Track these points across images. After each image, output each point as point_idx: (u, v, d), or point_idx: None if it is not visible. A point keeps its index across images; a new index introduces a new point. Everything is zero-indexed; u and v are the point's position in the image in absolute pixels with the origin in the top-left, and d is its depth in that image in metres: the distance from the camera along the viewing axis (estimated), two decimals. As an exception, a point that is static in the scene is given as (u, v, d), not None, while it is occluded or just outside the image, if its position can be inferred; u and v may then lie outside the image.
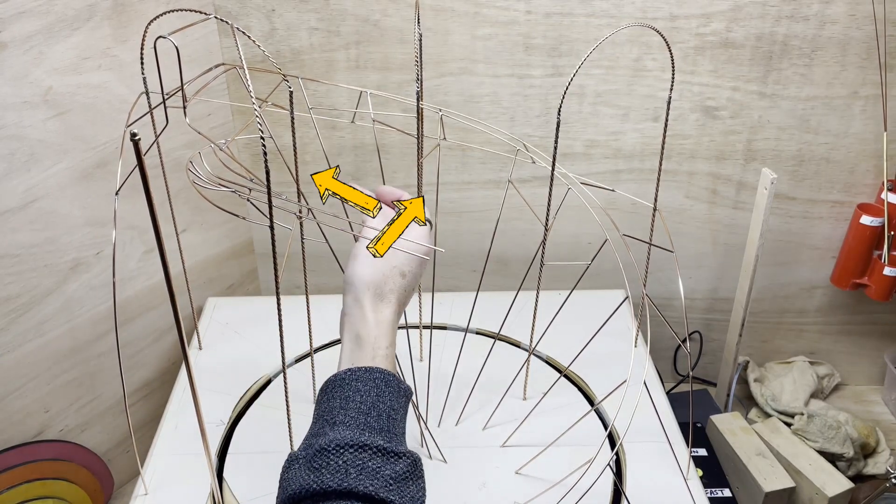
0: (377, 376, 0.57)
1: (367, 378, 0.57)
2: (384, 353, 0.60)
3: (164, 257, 0.52)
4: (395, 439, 0.55)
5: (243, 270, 1.14)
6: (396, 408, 0.57)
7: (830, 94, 1.00)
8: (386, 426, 0.55)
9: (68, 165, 0.84)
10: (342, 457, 0.51)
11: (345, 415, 0.55)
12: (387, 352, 0.60)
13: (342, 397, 0.56)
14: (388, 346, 0.61)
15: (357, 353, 0.60)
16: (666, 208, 1.09)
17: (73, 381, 0.92)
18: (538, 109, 1.02)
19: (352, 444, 0.52)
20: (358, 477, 0.50)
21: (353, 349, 0.60)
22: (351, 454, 0.51)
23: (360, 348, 0.60)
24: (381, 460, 0.52)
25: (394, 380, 0.58)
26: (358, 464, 0.51)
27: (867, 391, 1.23)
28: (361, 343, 0.60)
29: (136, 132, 0.45)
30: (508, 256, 1.14)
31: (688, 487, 0.75)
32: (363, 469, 0.51)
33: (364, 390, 0.56)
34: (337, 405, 0.56)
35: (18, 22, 0.76)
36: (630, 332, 0.96)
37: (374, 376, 0.57)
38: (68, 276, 0.88)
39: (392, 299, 0.62)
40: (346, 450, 0.52)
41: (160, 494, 0.74)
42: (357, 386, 0.57)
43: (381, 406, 0.56)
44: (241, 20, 0.96)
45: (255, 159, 1.04)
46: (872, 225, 1.03)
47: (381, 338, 0.60)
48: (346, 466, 0.51)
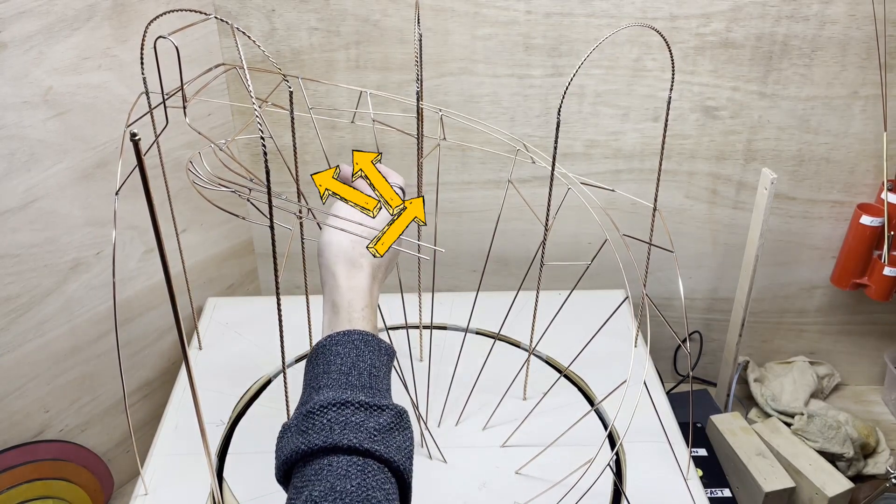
0: (355, 338, 0.59)
1: (345, 341, 0.58)
2: (360, 315, 0.61)
3: (164, 257, 0.52)
4: (379, 394, 0.56)
5: (243, 270, 1.14)
6: (378, 365, 0.58)
7: (830, 94, 1.00)
8: (368, 383, 0.56)
9: (68, 165, 0.84)
10: (326, 415, 0.53)
11: (327, 378, 0.56)
12: (363, 314, 0.61)
13: (324, 363, 0.58)
14: (364, 307, 0.61)
15: (334, 320, 0.61)
16: (666, 208, 1.09)
17: (73, 381, 0.92)
18: (538, 109, 1.02)
19: (334, 402, 0.54)
20: (342, 431, 0.52)
21: (331, 317, 0.62)
22: (335, 412, 0.53)
23: (336, 314, 0.61)
24: (364, 414, 0.53)
25: (373, 339, 0.60)
26: (341, 420, 0.52)
27: (867, 391, 1.23)
28: (337, 309, 0.61)
29: (136, 132, 0.45)
30: (508, 256, 1.14)
31: (688, 487, 0.75)
32: (347, 424, 0.52)
33: (343, 353, 0.58)
34: (320, 371, 0.57)
35: (18, 22, 0.76)
36: (630, 332, 0.96)
37: (351, 338, 0.59)
38: (68, 276, 0.88)
39: (363, 263, 0.63)
40: (330, 409, 0.53)
41: (160, 494, 0.74)
42: (336, 349, 0.58)
43: (362, 365, 0.57)
44: (241, 20, 0.96)
45: (255, 159, 1.04)
46: (872, 225, 1.03)
47: (355, 300, 0.61)
48: (330, 424, 0.52)
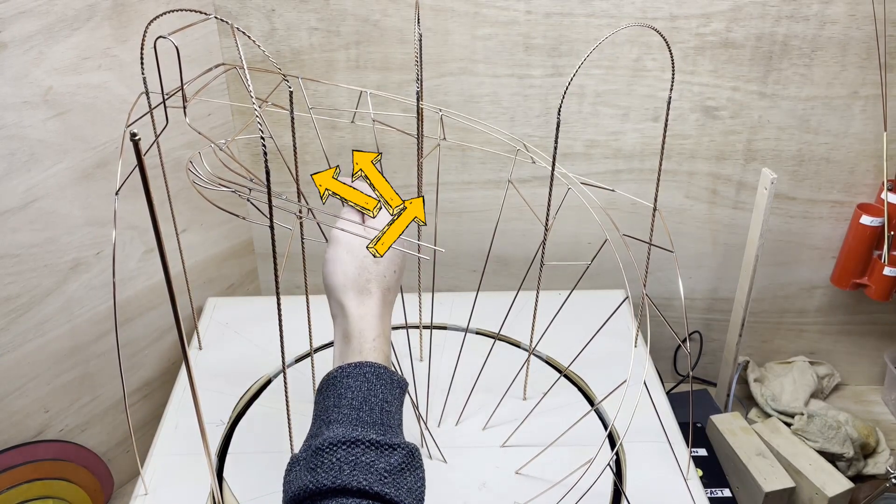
0: (367, 370, 0.57)
1: (356, 373, 0.57)
2: (371, 346, 0.59)
3: (164, 257, 0.52)
4: (390, 431, 0.55)
5: (243, 270, 1.14)
6: (390, 399, 0.57)
7: (830, 94, 1.00)
8: (379, 419, 0.55)
9: (68, 165, 0.84)
10: (336, 454, 0.52)
11: (338, 412, 0.55)
12: (374, 344, 0.60)
13: (335, 395, 0.56)
14: (376, 337, 0.60)
15: (346, 350, 0.60)
16: (666, 208, 1.09)
17: (73, 381, 0.92)
18: (538, 109, 1.02)
19: (344, 440, 0.52)
20: (351, 473, 0.50)
21: (343, 347, 0.60)
22: (344, 451, 0.52)
23: (348, 344, 0.60)
24: (374, 454, 0.52)
25: (385, 372, 0.58)
26: (351, 460, 0.51)
27: (867, 391, 1.23)
28: (349, 339, 0.60)
29: (136, 132, 0.45)
30: (508, 256, 1.14)
31: (688, 487, 0.75)
32: (356, 464, 0.51)
33: (354, 386, 0.56)
34: (331, 404, 0.56)
35: (18, 22, 0.76)
36: (630, 332, 0.96)
37: (363, 371, 0.57)
38: (68, 276, 0.88)
39: (372, 289, 0.62)
40: (340, 447, 0.52)
41: (160, 494, 0.74)
42: (348, 382, 0.57)
43: (373, 399, 0.56)
44: (241, 20, 0.96)
45: (255, 159, 1.04)
46: (872, 225, 1.03)
47: (366, 330, 0.60)
48: (339, 464, 0.51)
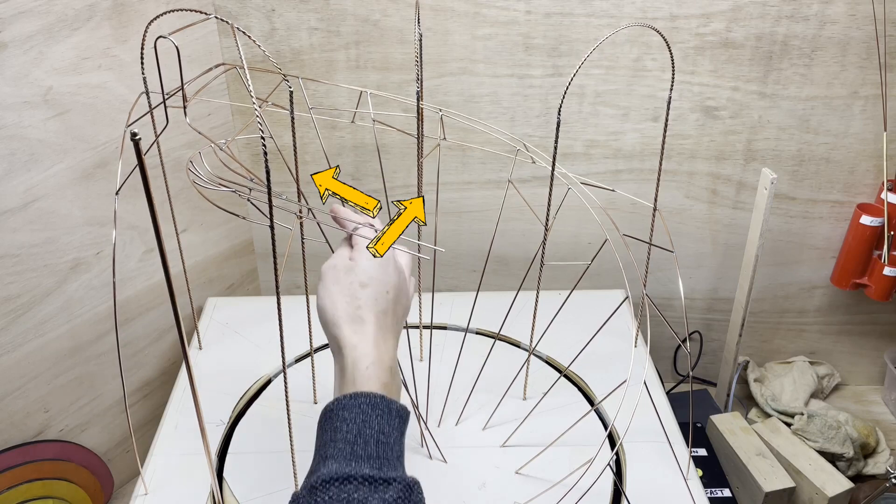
0: (362, 401, 0.56)
1: (351, 405, 0.55)
2: (365, 375, 0.57)
3: (164, 257, 0.52)
4: (386, 464, 0.53)
5: (243, 270, 1.14)
6: (387, 430, 0.55)
7: (830, 94, 1.00)
8: (374, 452, 0.53)
9: (68, 165, 0.84)
10: (329, 492, 0.50)
11: (333, 447, 0.54)
12: (367, 372, 0.58)
13: (331, 429, 0.55)
14: (369, 364, 0.58)
15: (341, 383, 0.59)
16: (666, 208, 1.09)
17: (73, 381, 0.92)
18: (538, 109, 1.02)
19: (336, 477, 0.51)
20: None
21: (339, 380, 0.59)
22: (336, 488, 0.50)
23: (342, 376, 0.59)
24: (367, 490, 0.50)
25: (381, 401, 0.56)
26: (343, 497, 0.50)
27: (867, 391, 1.23)
28: (343, 371, 0.59)
29: (136, 132, 0.45)
30: (508, 256, 1.14)
31: (688, 487, 0.74)
32: (349, 502, 0.50)
33: (349, 418, 0.55)
34: (328, 438, 0.55)
35: (18, 22, 0.76)
36: (630, 332, 0.96)
37: (358, 402, 0.56)
38: (68, 276, 0.88)
39: (365, 315, 0.60)
40: (332, 484, 0.51)
41: (160, 494, 0.74)
42: (343, 415, 0.55)
43: (368, 432, 0.54)
44: (241, 20, 0.96)
45: (255, 159, 1.04)
46: (872, 225, 1.03)
47: (359, 359, 0.58)
48: (332, 502, 0.50)
